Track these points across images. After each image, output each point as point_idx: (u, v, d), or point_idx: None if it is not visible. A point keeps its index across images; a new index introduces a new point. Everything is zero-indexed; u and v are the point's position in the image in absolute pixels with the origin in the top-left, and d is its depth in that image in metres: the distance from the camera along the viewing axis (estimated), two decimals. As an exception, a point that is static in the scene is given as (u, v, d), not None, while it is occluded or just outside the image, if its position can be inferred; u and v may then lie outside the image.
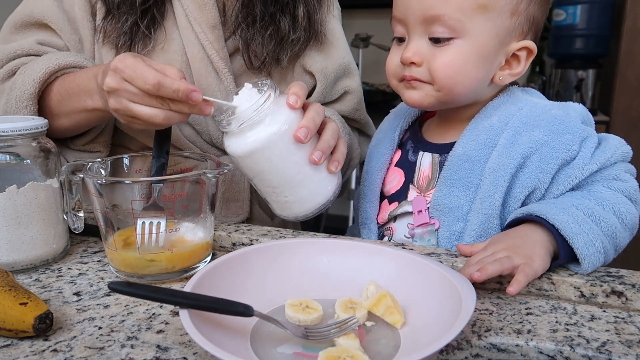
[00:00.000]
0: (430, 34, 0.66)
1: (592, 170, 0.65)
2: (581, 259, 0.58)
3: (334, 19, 0.95)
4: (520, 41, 0.67)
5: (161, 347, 0.49)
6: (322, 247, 0.60)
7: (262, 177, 0.66)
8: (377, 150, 0.81)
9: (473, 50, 0.66)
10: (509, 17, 0.65)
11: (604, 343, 0.49)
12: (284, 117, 0.63)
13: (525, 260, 0.56)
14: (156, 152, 0.68)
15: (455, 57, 0.66)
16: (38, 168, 0.64)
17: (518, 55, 0.68)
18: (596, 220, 0.61)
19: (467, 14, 0.64)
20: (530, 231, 0.61)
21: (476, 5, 0.64)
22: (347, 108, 0.95)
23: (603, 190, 0.65)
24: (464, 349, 0.49)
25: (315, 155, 0.65)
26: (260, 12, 0.84)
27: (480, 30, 0.65)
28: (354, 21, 2.92)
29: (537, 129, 0.67)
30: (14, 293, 0.50)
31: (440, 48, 0.66)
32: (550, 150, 0.65)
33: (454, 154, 0.70)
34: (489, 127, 0.69)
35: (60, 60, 0.77)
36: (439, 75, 0.66)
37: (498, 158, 0.67)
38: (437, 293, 0.51)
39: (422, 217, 0.71)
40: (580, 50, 2.31)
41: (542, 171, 0.66)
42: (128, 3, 0.81)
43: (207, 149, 0.89)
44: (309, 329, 0.49)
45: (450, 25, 0.64)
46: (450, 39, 0.65)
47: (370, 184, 0.79)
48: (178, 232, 0.62)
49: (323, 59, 0.90)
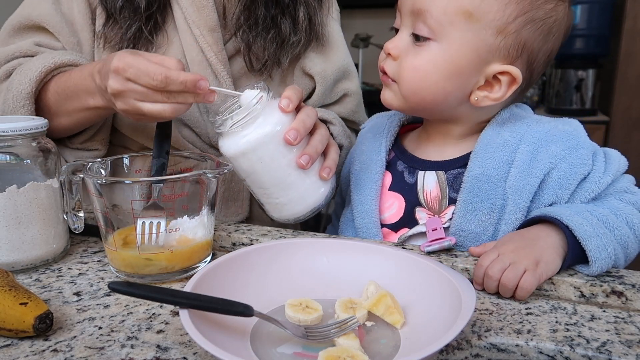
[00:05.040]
0: (414, 29, 0.65)
1: (607, 183, 0.65)
2: (592, 261, 0.57)
3: (333, 21, 0.95)
4: (504, 65, 0.64)
5: (161, 347, 0.49)
6: (322, 247, 0.60)
7: (254, 178, 0.67)
8: (366, 176, 0.75)
9: (446, 59, 0.63)
10: (494, 34, 0.62)
11: (604, 343, 0.49)
12: (275, 119, 0.64)
13: (530, 265, 0.56)
14: (156, 152, 0.68)
15: (426, 62, 0.64)
16: (38, 168, 0.64)
17: (500, 79, 0.65)
18: (610, 227, 0.60)
19: (449, 17, 0.62)
20: (543, 233, 0.60)
21: (461, 11, 0.62)
22: (346, 110, 0.95)
23: (616, 202, 0.64)
24: (464, 349, 0.49)
25: (302, 159, 0.65)
26: (262, 14, 0.84)
27: (458, 38, 0.62)
28: (354, 21, 2.92)
29: (553, 144, 0.65)
30: (14, 293, 0.50)
31: (417, 48, 0.65)
32: (569, 166, 0.64)
33: (472, 174, 0.66)
34: (502, 143, 0.66)
35: (56, 58, 0.76)
36: (404, 75, 0.66)
37: (519, 176, 0.65)
38: (437, 293, 0.51)
39: (436, 233, 0.66)
40: (580, 50, 2.31)
41: (562, 187, 0.64)
42: (132, 9, 0.81)
43: (206, 150, 0.89)
44: (309, 329, 0.49)
45: (431, 24, 0.63)
46: (428, 39, 0.64)
47: (369, 214, 0.73)
48: (178, 232, 0.62)
49: (322, 61, 0.90)
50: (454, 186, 0.70)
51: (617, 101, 2.23)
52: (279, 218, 0.71)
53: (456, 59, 0.63)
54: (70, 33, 0.83)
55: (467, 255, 0.64)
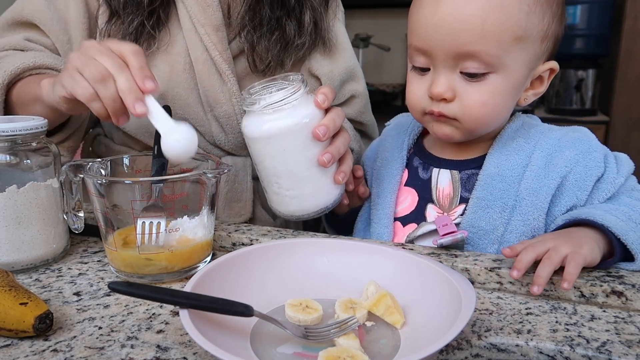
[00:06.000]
0: (463, 68, 0.63)
1: (620, 183, 0.67)
2: (636, 254, 0.59)
3: (339, 23, 0.95)
4: (546, 62, 0.67)
5: (161, 347, 0.49)
6: (322, 247, 0.60)
7: (269, 165, 0.67)
8: (386, 172, 0.78)
9: (508, 83, 0.64)
10: (540, 43, 0.65)
11: (604, 343, 0.49)
12: (308, 111, 0.65)
13: (573, 248, 0.56)
14: (156, 151, 0.68)
15: (492, 95, 0.64)
16: (38, 168, 0.64)
17: (542, 76, 0.68)
18: (635, 221, 0.62)
19: (504, 47, 0.62)
20: (578, 230, 0.61)
21: (513, 38, 0.62)
22: (353, 111, 0.95)
23: (628, 200, 0.66)
24: (464, 349, 0.49)
25: (325, 157, 0.66)
26: (267, 15, 0.84)
27: (515, 62, 0.63)
28: (354, 21, 2.92)
29: (567, 149, 0.68)
30: (14, 293, 0.50)
31: (473, 84, 0.64)
32: (584, 168, 0.66)
33: (487, 172, 0.68)
34: (517, 147, 0.69)
35: (37, 58, 0.77)
36: (471, 113, 0.65)
37: (535, 179, 0.67)
38: (437, 293, 0.51)
39: (448, 228, 0.67)
40: (580, 50, 2.32)
41: (580, 189, 0.66)
42: (135, 3, 0.81)
43: (209, 150, 0.89)
44: (309, 329, 0.49)
45: (487, 61, 0.62)
46: (485, 73, 0.63)
47: (384, 207, 0.75)
48: (178, 232, 0.62)
49: (329, 63, 0.91)
50: (466, 186, 0.71)
51: (617, 101, 2.23)
52: (283, 212, 0.71)
53: (517, 79, 0.65)
54: (62, 31, 0.83)
55: (467, 255, 0.64)
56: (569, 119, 2.26)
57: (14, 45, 0.82)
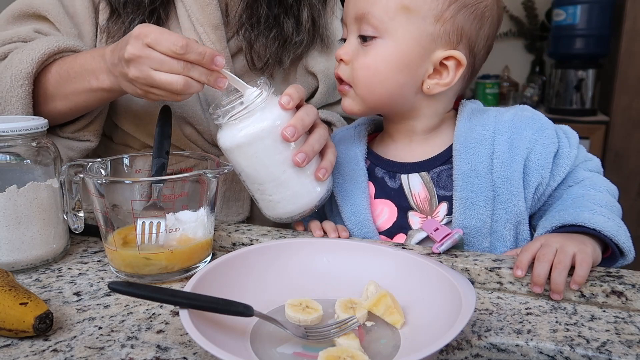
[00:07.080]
0: (360, 31, 0.68)
1: (575, 155, 0.70)
2: (627, 251, 0.61)
3: (337, 20, 0.95)
4: (447, 50, 0.67)
5: (161, 347, 0.49)
6: (322, 247, 0.60)
7: (249, 173, 0.67)
8: (352, 187, 0.74)
9: (393, 53, 0.66)
10: (433, 23, 0.65)
11: (604, 343, 0.49)
12: (274, 115, 0.65)
13: (578, 247, 0.58)
14: (156, 152, 0.68)
15: (375, 58, 0.67)
16: (38, 168, 0.64)
17: (447, 65, 0.67)
18: (611, 208, 0.64)
19: (390, 14, 0.65)
20: (572, 234, 0.62)
21: (400, 7, 0.65)
22: None
23: (586, 174, 0.70)
24: (464, 349, 0.49)
25: (298, 157, 0.65)
26: (264, 13, 0.84)
27: (402, 32, 0.66)
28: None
29: (524, 130, 0.69)
30: (14, 293, 0.50)
31: (365, 48, 0.67)
32: (542, 147, 0.68)
33: (461, 171, 0.68)
34: (479, 138, 0.69)
35: (60, 42, 0.76)
36: (357, 75, 0.68)
37: (504, 166, 0.68)
38: (437, 293, 0.51)
39: (441, 231, 0.66)
40: (580, 50, 2.31)
41: (542, 167, 0.68)
42: (135, 3, 0.81)
43: (208, 149, 0.89)
44: (309, 329, 0.49)
45: (374, 24, 0.66)
46: (374, 37, 0.67)
47: (364, 225, 0.72)
48: (178, 232, 0.62)
49: (325, 60, 0.91)
50: (439, 184, 0.71)
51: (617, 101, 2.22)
52: (272, 216, 0.71)
53: (402, 51, 0.66)
54: (72, 25, 0.83)
55: (467, 255, 0.64)
56: (569, 118, 2.26)
57: (23, 37, 0.81)
